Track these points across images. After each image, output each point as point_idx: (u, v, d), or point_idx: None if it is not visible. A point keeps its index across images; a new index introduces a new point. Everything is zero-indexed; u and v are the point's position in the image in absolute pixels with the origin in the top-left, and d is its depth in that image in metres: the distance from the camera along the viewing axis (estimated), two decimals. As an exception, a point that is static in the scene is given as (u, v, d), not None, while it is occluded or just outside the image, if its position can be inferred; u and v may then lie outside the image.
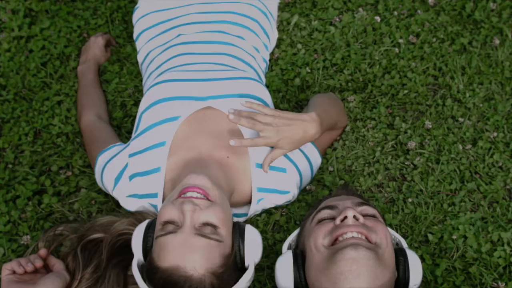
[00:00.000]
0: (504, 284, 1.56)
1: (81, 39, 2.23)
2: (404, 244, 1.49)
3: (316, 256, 1.33)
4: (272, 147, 1.60)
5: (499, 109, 1.96)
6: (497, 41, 2.14)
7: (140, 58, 1.97)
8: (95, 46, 2.13)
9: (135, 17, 2.02)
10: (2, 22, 2.26)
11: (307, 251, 1.38)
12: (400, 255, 1.37)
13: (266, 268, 1.61)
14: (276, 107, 1.95)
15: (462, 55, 2.11)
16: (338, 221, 1.34)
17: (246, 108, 1.60)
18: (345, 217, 1.34)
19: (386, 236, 1.34)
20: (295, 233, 1.55)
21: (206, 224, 1.38)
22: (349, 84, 2.04)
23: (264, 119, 1.54)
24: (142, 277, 1.39)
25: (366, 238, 1.31)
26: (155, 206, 1.61)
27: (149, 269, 1.39)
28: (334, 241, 1.32)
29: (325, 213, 1.42)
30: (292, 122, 1.55)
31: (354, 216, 1.34)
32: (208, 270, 1.35)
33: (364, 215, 1.39)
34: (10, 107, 2.03)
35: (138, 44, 1.99)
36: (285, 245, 1.53)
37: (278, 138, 1.54)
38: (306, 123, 1.57)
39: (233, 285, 1.38)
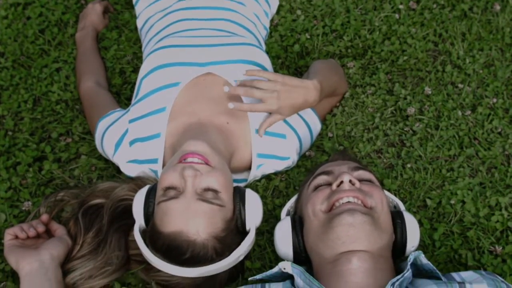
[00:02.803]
0: (501, 248, 1.58)
1: (78, 6, 2.21)
2: (401, 206, 1.50)
3: (314, 222, 1.34)
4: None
5: (499, 75, 1.96)
6: (497, 7, 2.12)
7: (139, 23, 1.96)
8: (93, 13, 2.11)
9: (134, -18, 2.00)
10: (-1, -12, 2.24)
11: (305, 217, 1.39)
12: (397, 217, 1.38)
13: (265, 233, 1.62)
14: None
15: (462, 21, 2.10)
16: (334, 186, 1.35)
17: (247, 77, 1.59)
18: (341, 182, 1.35)
19: (382, 200, 1.35)
20: (293, 199, 1.56)
21: (207, 189, 1.39)
22: (349, 50, 2.03)
23: (266, 86, 1.53)
24: (145, 242, 1.40)
25: (362, 202, 1.32)
26: (155, 172, 1.61)
27: (152, 235, 1.40)
28: (331, 207, 1.33)
29: (321, 179, 1.42)
30: (294, 89, 1.54)
31: (350, 181, 1.34)
32: (211, 235, 1.36)
33: (360, 180, 1.39)
34: (9, 74, 2.02)
35: (137, 9, 1.97)
36: (284, 211, 1.54)
37: (278, 105, 1.54)
38: (308, 91, 1.56)
39: (235, 248, 1.39)
